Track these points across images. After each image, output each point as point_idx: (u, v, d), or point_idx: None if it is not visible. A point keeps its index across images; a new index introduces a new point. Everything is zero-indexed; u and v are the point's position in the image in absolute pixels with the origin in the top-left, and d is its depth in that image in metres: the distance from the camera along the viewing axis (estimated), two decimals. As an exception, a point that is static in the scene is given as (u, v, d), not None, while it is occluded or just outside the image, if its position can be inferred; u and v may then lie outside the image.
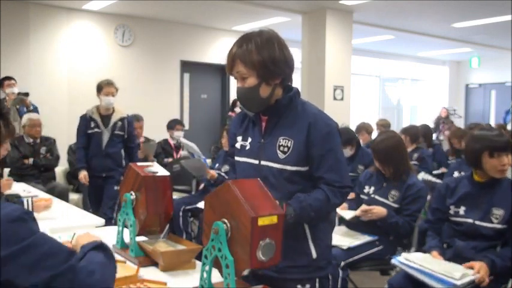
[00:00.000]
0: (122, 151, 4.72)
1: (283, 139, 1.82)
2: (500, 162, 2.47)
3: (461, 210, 2.58)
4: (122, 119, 4.68)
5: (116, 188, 4.62)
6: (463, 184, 2.64)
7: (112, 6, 7.38)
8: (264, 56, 1.75)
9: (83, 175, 4.54)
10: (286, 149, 1.81)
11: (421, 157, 5.20)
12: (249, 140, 1.91)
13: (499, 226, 2.46)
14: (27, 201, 2.75)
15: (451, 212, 2.61)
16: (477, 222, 2.51)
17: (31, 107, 6.05)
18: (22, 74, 6.90)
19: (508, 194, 2.49)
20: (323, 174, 1.80)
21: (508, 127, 9.00)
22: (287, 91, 1.86)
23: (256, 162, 1.86)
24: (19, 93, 6.19)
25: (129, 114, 4.87)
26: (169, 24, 8.45)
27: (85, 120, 4.66)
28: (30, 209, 2.73)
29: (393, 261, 2.56)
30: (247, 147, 1.90)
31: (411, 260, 2.47)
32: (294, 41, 8.77)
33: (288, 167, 1.80)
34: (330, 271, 1.92)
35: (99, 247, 1.29)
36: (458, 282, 2.24)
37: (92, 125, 4.61)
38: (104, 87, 4.54)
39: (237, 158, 1.95)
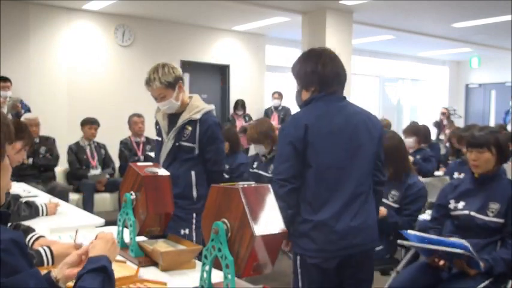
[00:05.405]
0: (193, 176, 2.79)
1: None
2: (471, 157, 2.59)
3: (460, 204, 2.64)
4: (191, 121, 2.83)
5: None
6: (465, 182, 2.72)
7: (112, 6, 7.37)
8: None
9: None
10: None
11: (424, 158, 5.18)
12: None
13: (494, 220, 2.51)
14: (42, 206, 2.80)
15: (451, 206, 2.67)
16: (472, 213, 2.56)
17: (22, 112, 6.03)
18: (22, 74, 6.90)
19: (506, 191, 2.54)
20: None
21: (508, 127, 8.99)
22: None
23: None
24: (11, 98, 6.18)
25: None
26: (169, 24, 8.44)
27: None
28: (45, 212, 2.75)
29: (405, 243, 2.60)
30: None
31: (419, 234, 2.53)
32: (294, 41, 8.78)
33: None
34: None
35: (101, 270, 1.25)
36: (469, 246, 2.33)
37: (156, 130, 2.97)
38: None
39: None
